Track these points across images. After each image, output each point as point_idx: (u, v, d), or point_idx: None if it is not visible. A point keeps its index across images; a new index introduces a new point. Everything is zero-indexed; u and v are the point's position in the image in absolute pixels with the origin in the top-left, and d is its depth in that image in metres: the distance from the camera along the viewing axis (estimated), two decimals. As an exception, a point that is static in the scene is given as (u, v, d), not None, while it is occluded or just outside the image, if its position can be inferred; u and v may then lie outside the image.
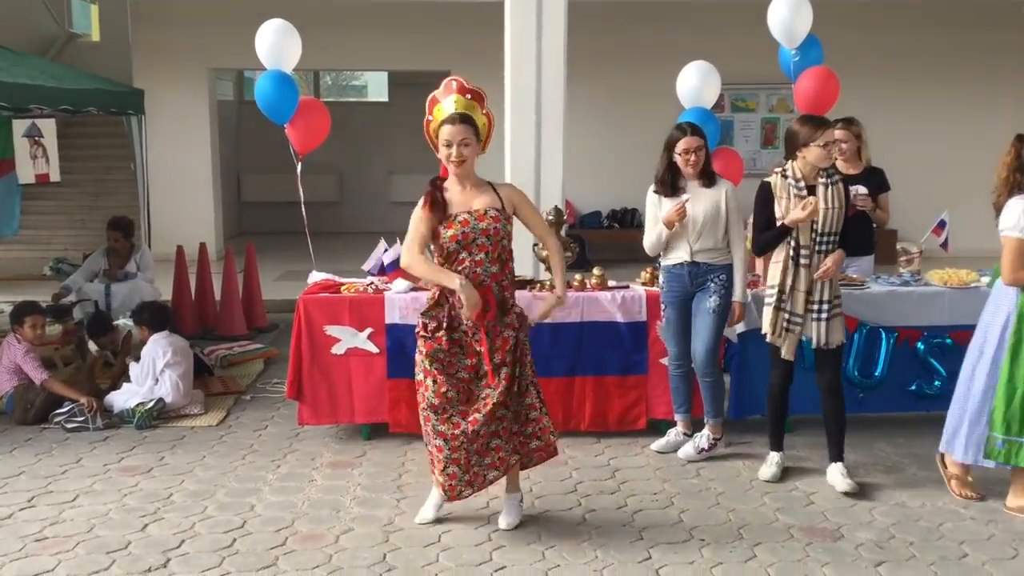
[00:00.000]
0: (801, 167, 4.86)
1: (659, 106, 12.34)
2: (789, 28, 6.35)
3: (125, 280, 7.97)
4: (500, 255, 4.25)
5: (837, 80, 6.32)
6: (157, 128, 10.91)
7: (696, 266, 5.22)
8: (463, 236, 4.18)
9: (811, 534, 4.38)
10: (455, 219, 4.21)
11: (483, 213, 4.21)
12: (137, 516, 4.59)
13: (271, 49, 6.28)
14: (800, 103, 6.42)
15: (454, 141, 4.20)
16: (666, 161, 5.23)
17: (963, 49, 12.81)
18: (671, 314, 5.35)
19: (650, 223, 5.32)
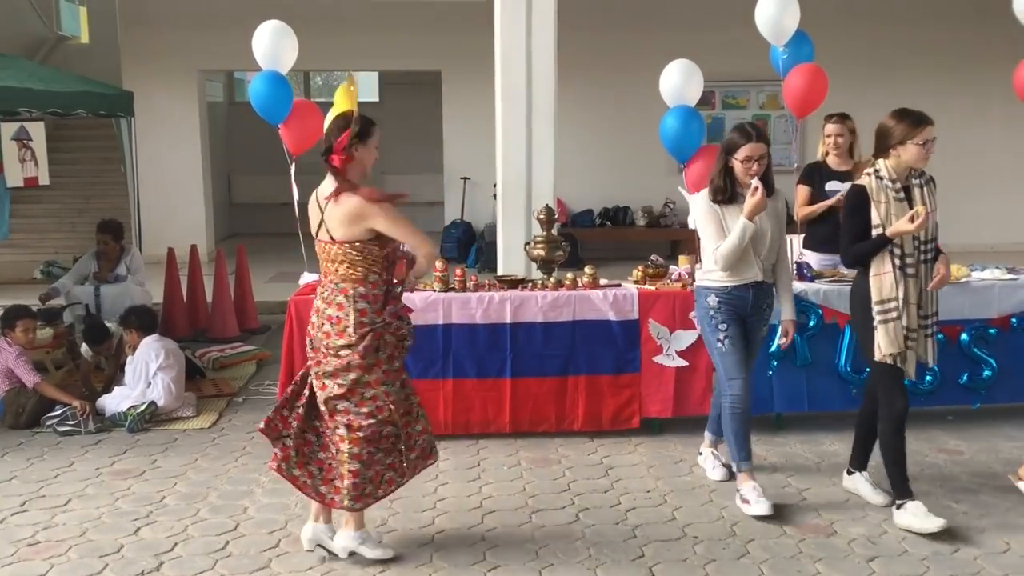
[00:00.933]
0: (894, 166, 4.49)
1: (650, 104, 12.32)
2: (777, 25, 6.36)
3: (115, 283, 7.95)
4: (332, 275, 4.07)
5: (826, 77, 6.33)
6: (147, 130, 10.88)
7: (761, 287, 4.69)
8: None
9: (804, 531, 4.39)
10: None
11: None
12: (130, 519, 4.57)
13: (268, 50, 6.27)
14: (789, 100, 6.43)
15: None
16: (722, 165, 4.67)
17: (953, 44, 12.84)
18: (735, 334, 4.66)
19: (714, 235, 4.63)
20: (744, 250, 4.57)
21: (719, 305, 4.66)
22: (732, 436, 4.70)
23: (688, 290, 5.69)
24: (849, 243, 4.52)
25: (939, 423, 5.86)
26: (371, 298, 3.96)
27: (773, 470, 5.16)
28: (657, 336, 5.66)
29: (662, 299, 5.68)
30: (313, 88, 19.10)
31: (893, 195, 4.43)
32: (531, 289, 5.75)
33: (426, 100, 14.22)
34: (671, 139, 6.37)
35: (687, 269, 5.94)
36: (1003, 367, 5.81)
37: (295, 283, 6.15)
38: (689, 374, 5.70)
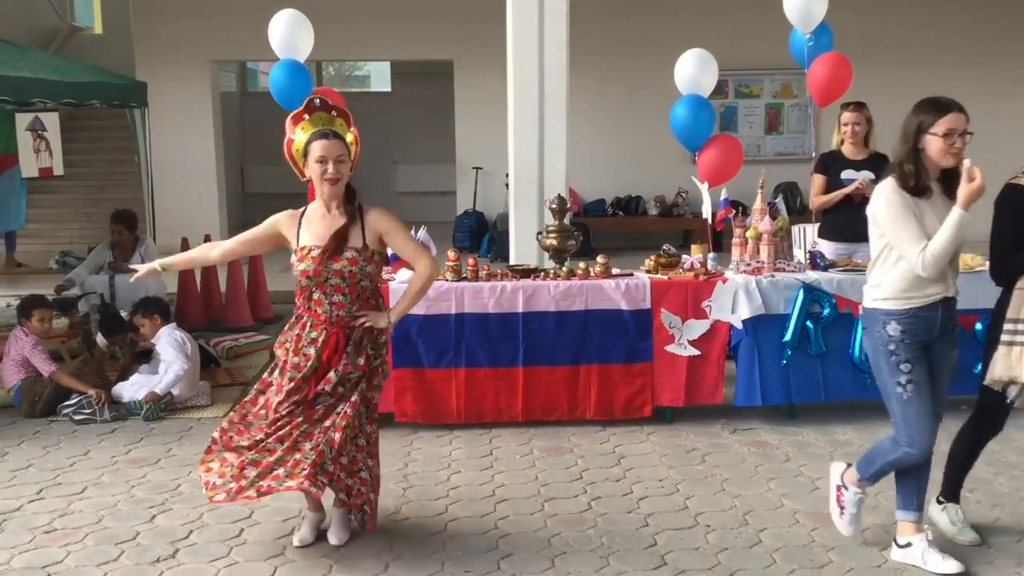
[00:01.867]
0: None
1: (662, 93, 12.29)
2: (806, 12, 6.33)
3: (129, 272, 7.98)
4: (359, 295, 3.93)
5: (850, 66, 6.33)
6: (160, 120, 10.92)
7: (949, 304, 3.83)
8: (315, 273, 3.88)
9: (816, 519, 4.39)
10: (308, 253, 3.92)
11: (338, 252, 3.89)
12: (145, 507, 4.61)
13: (284, 39, 6.26)
14: (813, 90, 6.42)
15: (329, 157, 3.87)
16: (910, 146, 3.75)
17: (970, 32, 12.74)
18: (921, 376, 3.78)
19: (915, 235, 3.66)
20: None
21: (901, 336, 3.73)
22: (909, 485, 3.96)
23: (700, 279, 5.69)
24: (1006, 254, 3.87)
25: (953, 413, 5.80)
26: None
27: (786, 459, 5.16)
28: (669, 325, 5.66)
29: (674, 288, 5.68)
30: (326, 78, 19.13)
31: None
32: (543, 278, 5.75)
33: (438, 90, 14.22)
34: (681, 128, 6.36)
35: (699, 258, 5.94)
36: (1018, 356, 5.77)
37: (308, 273, 6.16)
38: (701, 363, 5.70)
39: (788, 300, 5.67)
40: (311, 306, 3.95)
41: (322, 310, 3.93)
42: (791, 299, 5.67)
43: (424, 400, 5.63)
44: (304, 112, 4.08)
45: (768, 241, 5.82)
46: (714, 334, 5.69)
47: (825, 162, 6.33)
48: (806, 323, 5.67)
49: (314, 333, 3.93)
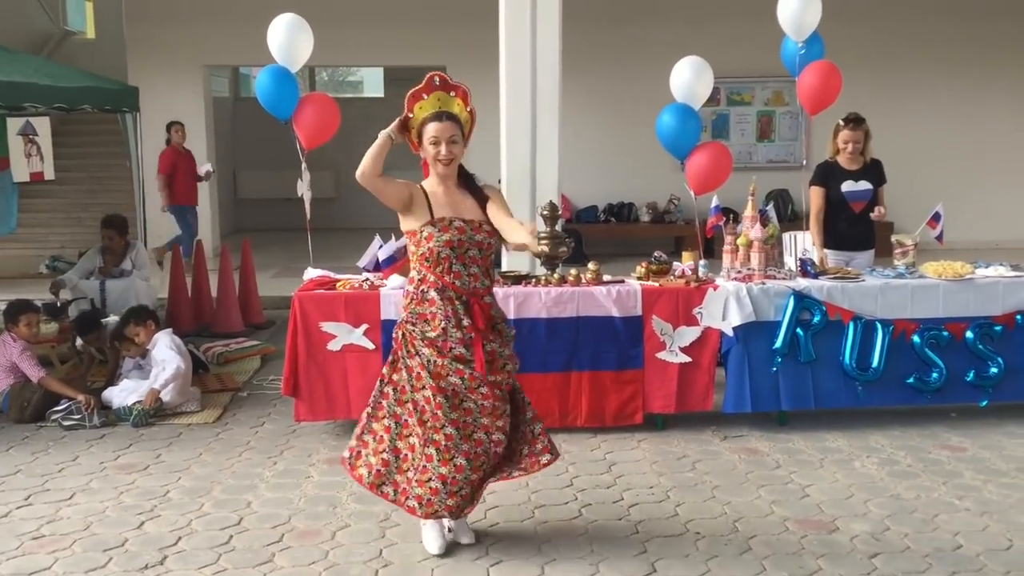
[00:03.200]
0: None
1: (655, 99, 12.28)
2: (799, 21, 6.34)
3: (120, 278, 7.98)
4: (488, 269, 4.06)
5: (840, 75, 6.33)
6: (153, 126, 10.90)
7: None
8: (459, 244, 3.95)
9: (806, 526, 4.39)
10: (450, 224, 3.97)
11: (478, 225, 4.01)
12: (134, 514, 4.59)
13: (283, 44, 6.23)
14: (803, 98, 6.43)
15: (442, 139, 4.00)
16: None
17: (959, 41, 12.80)
18: None
19: None
20: None
21: None
22: None
23: (692, 286, 5.69)
24: None
25: (942, 420, 5.86)
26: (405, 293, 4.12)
27: (776, 466, 5.16)
28: (660, 332, 5.66)
29: (665, 295, 5.68)
30: (319, 83, 19.13)
31: None
32: (535, 285, 5.75)
33: (431, 95, 14.22)
34: (667, 136, 6.34)
35: (691, 265, 5.94)
36: (1009, 364, 5.80)
37: (299, 278, 6.16)
38: (692, 370, 5.70)
39: (778, 307, 5.68)
40: (450, 279, 3.96)
41: (461, 282, 3.97)
42: (781, 306, 5.68)
43: (415, 406, 5.61)
44: (423, 91, 4.14)
45: (759, 248, 5.82)
46: (705, 341, 5.69)
47: (824, 174, 6.35)
48: (796, 330, 5.68)
49: (450, 306, 3.94)
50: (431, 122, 4.05)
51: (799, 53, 6.38)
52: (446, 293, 3.97)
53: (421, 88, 4.16)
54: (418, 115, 4.12)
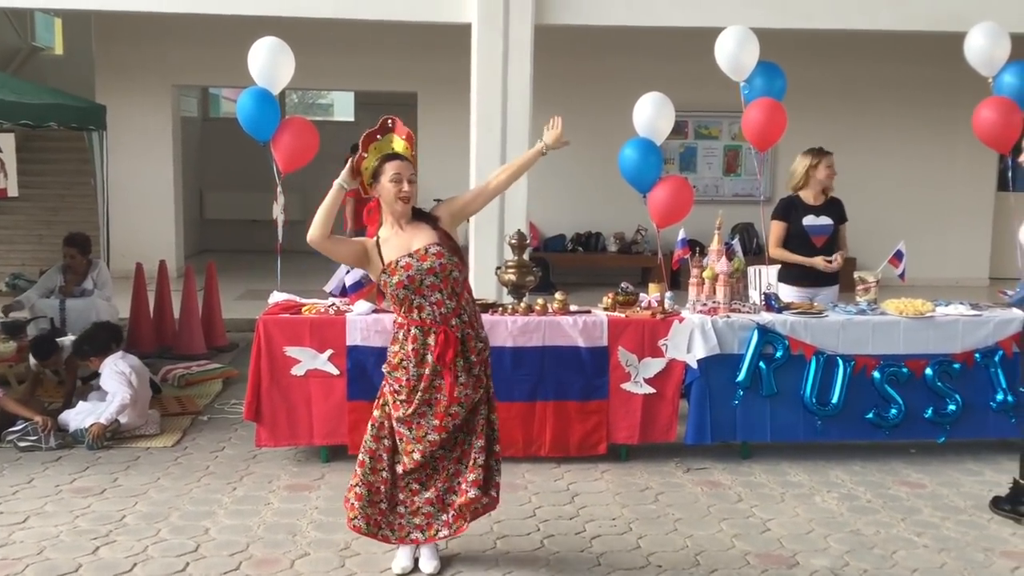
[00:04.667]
0: None
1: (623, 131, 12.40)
2: (735, 60, 6.44)
3: (81, 297, 7.87)
4: (453, 289, 4.05)
5: (783, 111, 6.38)
6: (119, 144, 10.81)
7: None
8: (409, 280, 3.98)
9: (767, 560, 4.41)
10: (396, 264, 4.02)
11: (424, 252, 4.02)
12: (89, 538, 4.51)
13: (264, 67, 6.21)
14: (748, 134, 6.49)
15: (404, 175, 4.06)
16: None
17: (921, 82, 13.05)
18: None
19: None
20: None
21: None
22: None
23: (657, 318, 5.72)
24: None
25: (901, 456, 5.92)
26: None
27: (738, 499, 5.18)
28: (626, 363, 5.68)
29: (632, 326, 5.71)
30: (289, 106, 19.11)
31: None
32: (501, 314, 5.75)
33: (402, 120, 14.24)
34: (629, 170, 6.38)
35: (657, 297, 5.98)
36: (967, 402, 5.87)
37: (264, 301, 6.12)
38: (656, 401, 5.72)
39: (742, 340, 5.72)
40: (416, 316, 4.03)
41: (427, 314, 4.01)
42: (745, 339, 5.72)
43: (378, 433, 5.57)
44: (378, 132, 4.21)
45: (724, 282, 5.88)
46: (669, 373, 5.72)
47: (786, 208, 6.42)
48: (759, 364, 5.72)
49: (429, 339, 4.02)
50: (392, 159, 4.12)
51: (744, 92, 6.47)
52: (410, 333, 4.04)
53: (375, 130, 4.21)
54: (372, 155, 4.16)
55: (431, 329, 4.01)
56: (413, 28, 11.21)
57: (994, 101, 6.47)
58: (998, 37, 6.56)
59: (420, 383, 4.02)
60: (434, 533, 4.13)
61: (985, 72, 6.57)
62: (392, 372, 4.09)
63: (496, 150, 8.37)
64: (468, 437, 4.15)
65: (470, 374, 4.07)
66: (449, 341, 4.00)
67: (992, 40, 6.56)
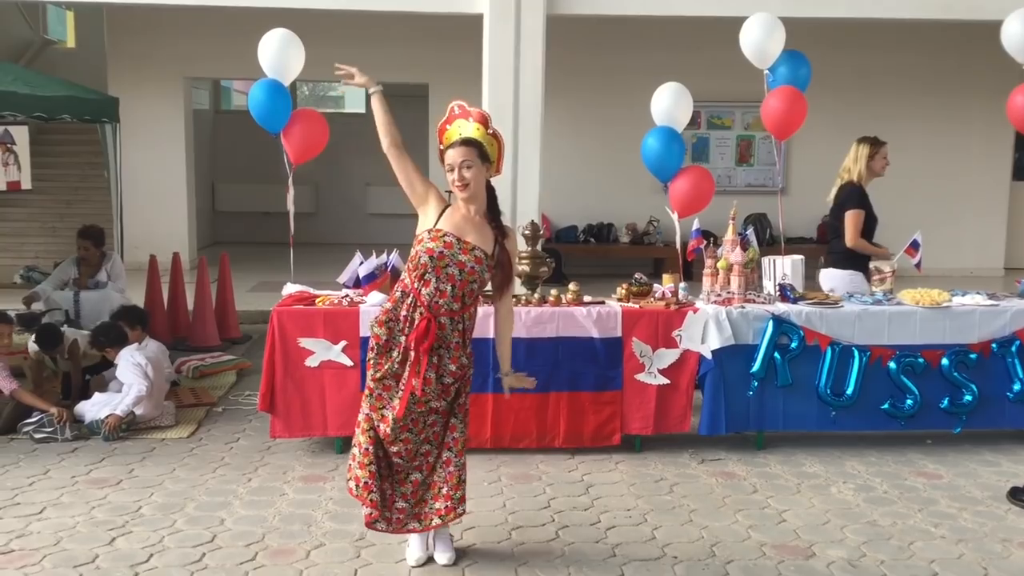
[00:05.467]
0: None
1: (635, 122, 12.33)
2: (761, 48, 6.41)
3: (95, 289, 7.90)
4: (464, 295, 4.02)
5: (804, 100, 6.36)
6: (132, 136, 10.83)
7: None
8: (439, 256, 3.96)
9: (783, 551, 4.39)
10: (441, 236, 4.01)
11: (470, 248, 4.00)
12: (105, 529, 4.52)
13: (275, 58, 6.21)
14: (767, 122, 6.47)
15: (456, 164, 4.06)
16: None
17: (935, 72, 12.97)
18: None
19: None
20: None
21: None
22: None
23: (672, 309, 5.70)
24: None
25: (918, 446, 5.90)
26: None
27: (753, 491, 5.16)
28: (640, 354, 5.67)
29: (645, 317, 5.69)
30: (300, 98, 19.10)
31: None
32: (515, 304, 5.73)
33: (413, 113, 14.22)
34: (652, 159, 6.39)
35: (671, 288, 5.96)
36: (983, 392, 5.84)
37: (278, 293, 6.13)
38: (670, 392, 5.71)
39: (757, 331, 5.70)
40: (419, 286, 4.01)
41: (427, 293, 4.00)
42: (760, 330, 5.70)
43: (392, 424, 5.57)
44: (446, 123, 4.27)
45: (739, 272, 5.85)
46: (684, 363, 5.70)
47: (863, 197, 6.32)
48: (774, 354, 5.70)
49: (409, 312, 4.03)
50: (448, 150, 4.14)
51: (769, 79, 6.44)
52: (406, 300, 4.04)
53: (444, 120, 4.28)
54: (445, 144, 4.22)
55: (420, 309, 4.00)
56: (424, 19, 11.21)
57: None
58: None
59: (393, 352, 4.04)
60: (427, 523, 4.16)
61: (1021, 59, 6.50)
62: (377, 328, 4.09)
63: (508, 141, 8.27)
64: (435, 450, 4.15)
65: (440, 381, 4.03)
66: (430, 332, 3.98)
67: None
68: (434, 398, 4.04)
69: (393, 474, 4.16)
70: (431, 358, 4.00)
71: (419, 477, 4.16)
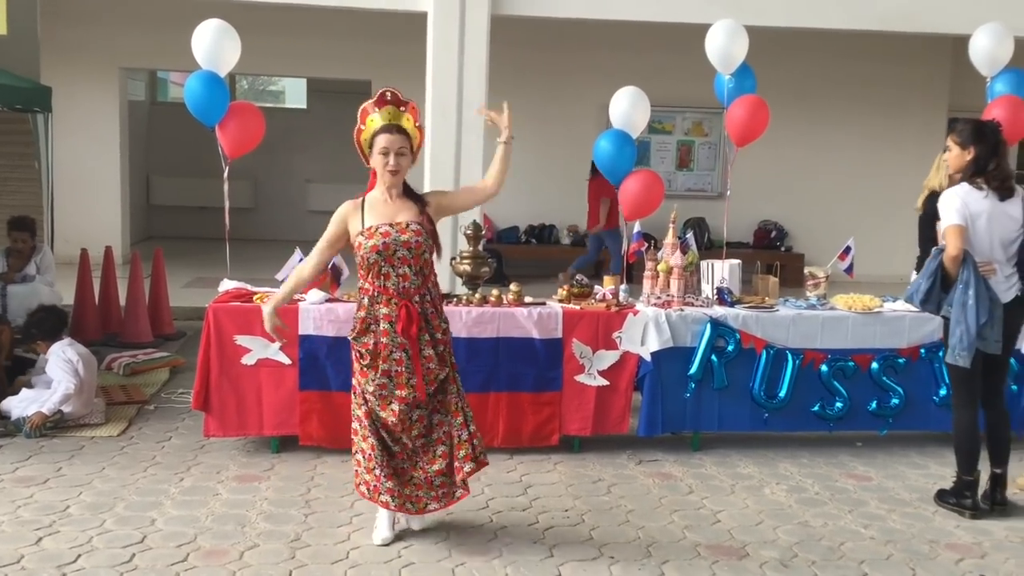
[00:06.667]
0: None
1: (577, 123, 12.44)
2: (725, 54, 6.50)
3: (23, 283, 7.68)
4: (422, 268, 4.24)
5: (767, 109, 6.49)
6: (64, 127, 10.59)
7: None
8: (384, 247, 4.16)
9: (717, 552, 4.45)
10: (375, 230, 4.20)
11: (404, 226, 4.21)
12: (31, 529, 4.40)
13: (209, 50, 6.10)
14: (731, 130, 6.57)
15: (391, 149, 4.22)
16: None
17: (871, 81, 13.26)
18: None
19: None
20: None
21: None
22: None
23: (612, 311, 5.74)
24: None
25: (848, 448, 6.02)
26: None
27: (689, 491, 5.22)
28: (580, 355, 5.69)
29: (586, 319, 5.71)
30: (239, 92, 18.85)
31: None
32: (456, 304, 5.72)
33: (354, 108, 14.06)
34: (604, 161, 6.44)
35: (612, 290, 5.99)
36: (910, 395, 5.98)
37: (213, 289, 6.03)
38: (609, 393, 5.74)
39: (695, 334, 5.76)
40: (381, 282, 4.19)
41: (391, 284, 4.18)
42: (698, 333, 5.76)
43: (330, 424, 5.51)
44: (376, 105, 4.33)
45: (678, 275, 5.91)
46: (623, 365, 5.74)
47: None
48: (711, 357, 5.77)
49: (384, 309, 4.19)
50: (381, 133, 4.26)
51: (727, 85, 6.53)
52: (378, 299, 4.20)
53: (373, 102, 4.36)
54: (369, 127, 4.31)
55: (393, 300, 4.18)
56: (368, 15, 11.12)
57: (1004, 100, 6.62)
58: (1002, 38, 6.71)
59: (382, 351, 4.19)
60: (423, 507, 4.35)
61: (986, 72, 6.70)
62: (359, 337, 4.25)
63: (451, 138, 8.33)
64: (445, 418, 4.33)
65: (435, 350, 4.24)
66: (412, 315, 4.17)
67: (997, 41, 6.70)
68: (438, 368, 4.26)
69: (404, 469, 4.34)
70: (421, 336, 4.19)
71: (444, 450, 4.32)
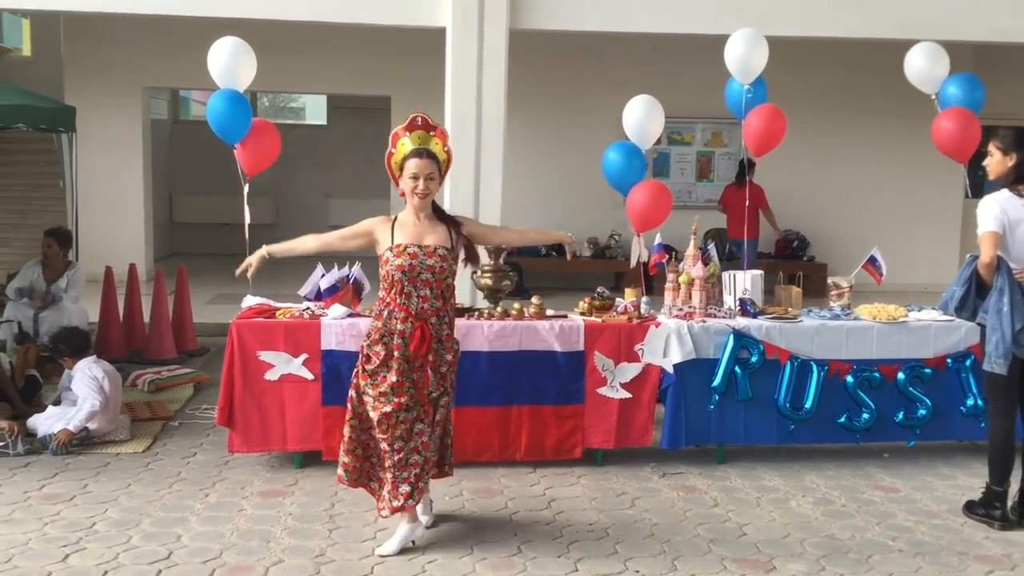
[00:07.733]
0: None
1: (597, 136, 12.41)
2: (745, 63, 6.48)
3: (53, 302, 7.79)
4: (443, 292, 4.41)
5: (784, 118, 6.46)
6: (89, 146, 10.69)
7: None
8: (409, 268, 4.31)
9: (744, 565, 4.41)
10: (404, 249, 4.35)
11: (432, 250, 4.36)
12: (58, 546, 4.43)
13: (225, 68, 6.14)
14: (748, 140, 6.54)
15: (421, 175, 4.36)
16: None
17: (891, 89, 13.11)
18: None
19: None
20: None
21: None
22: None
23: (634, 323, 5.72)
24: None
25: (875, 460, 5.96)
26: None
27: (714, 504, 5.19)
28: (602, 368, 5.68)
29: (608, 331, 5.70)
30: (260, 109, 19.00)
31: None
32: (477, 318, 5.73)
33: (374, 125, 14.19)
34: (613, 173, 6.42)
35: (633, 302, 5.98)
36: (937, 406, 5.92)
37: (236, 305, 6.06)
38: (632, 406, 5.72)
39: (718, 345, 5.74)
40: (401, 300, 4.35)
41: (411, 303, 4.35)
42: (721, 344, 5.74)
43: (353, 439, 5.52)
44: (406, 129, 4.49)
45: (700, 287, 5.89)
46: (645, 377, 5.72)
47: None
48: (735, 368, 5.74)
49: (401, 326, 4.34)
50: (412, 158, 4.41)
51: (746, 96, 6.51)
52: (395, 315, 4.35)
53: (404, 127, 4.49)
54: (400, 151, 4.46)
55: (410, 319, 4.33)
56: (387, 31, 11.19)
57: (953, 112, 6.55)
58: (937, 56, 6.68)
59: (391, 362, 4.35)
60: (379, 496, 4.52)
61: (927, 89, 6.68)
62: (372, 346, 4.39)
63: (471, 153, 8.34)
64: (428, 429, 4.45)
65: (437, 372, 4.42)
66: (425, 337, 4.34)
67: (931, 58, 6.68)
68: (435, 389, 4.44)
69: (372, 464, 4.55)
70: (430, 356, 4.37)
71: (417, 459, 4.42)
